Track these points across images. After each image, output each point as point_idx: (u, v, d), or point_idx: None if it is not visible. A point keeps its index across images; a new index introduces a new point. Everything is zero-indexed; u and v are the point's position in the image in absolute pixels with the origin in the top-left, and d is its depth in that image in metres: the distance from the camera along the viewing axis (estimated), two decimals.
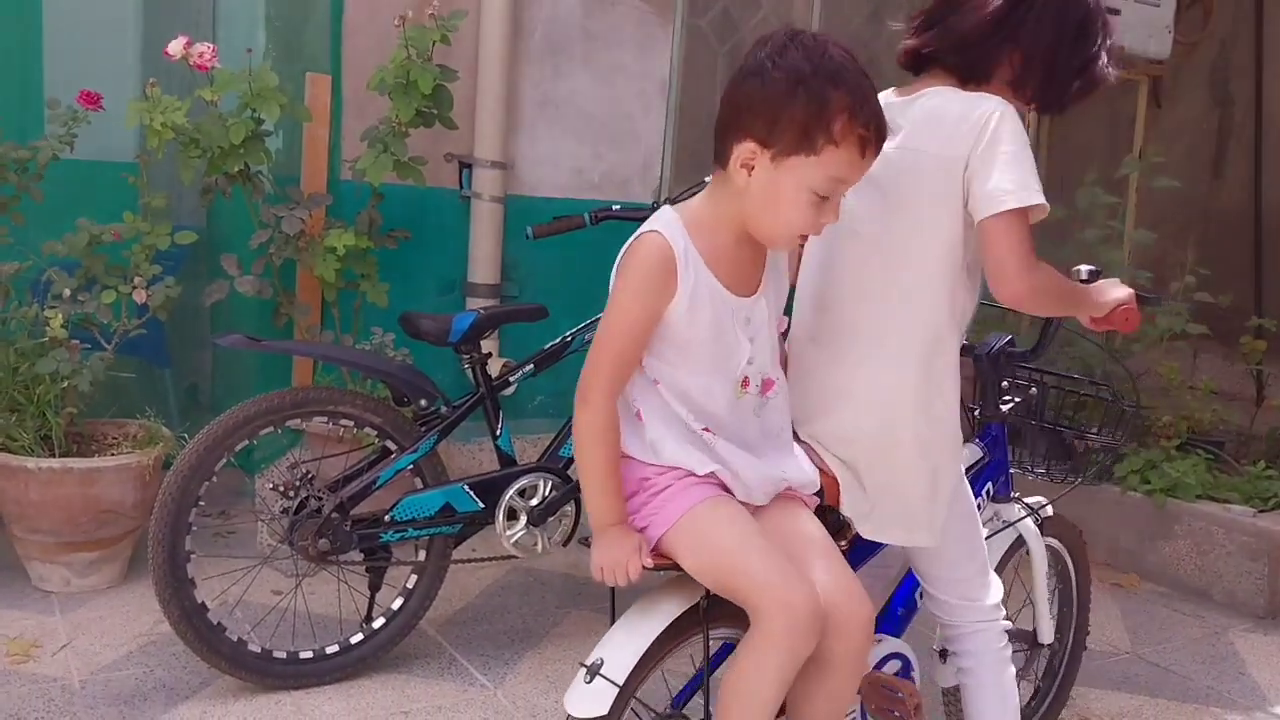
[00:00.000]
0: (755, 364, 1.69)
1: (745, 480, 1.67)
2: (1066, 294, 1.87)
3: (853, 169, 1.58)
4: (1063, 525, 2.45)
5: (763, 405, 1.72)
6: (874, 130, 1.57)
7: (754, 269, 1.69)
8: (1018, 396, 2.21)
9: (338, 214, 3.47)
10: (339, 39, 3.65)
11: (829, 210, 1.60)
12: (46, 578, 3.08)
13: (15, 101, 3.42)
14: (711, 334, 1.64)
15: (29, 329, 3.08)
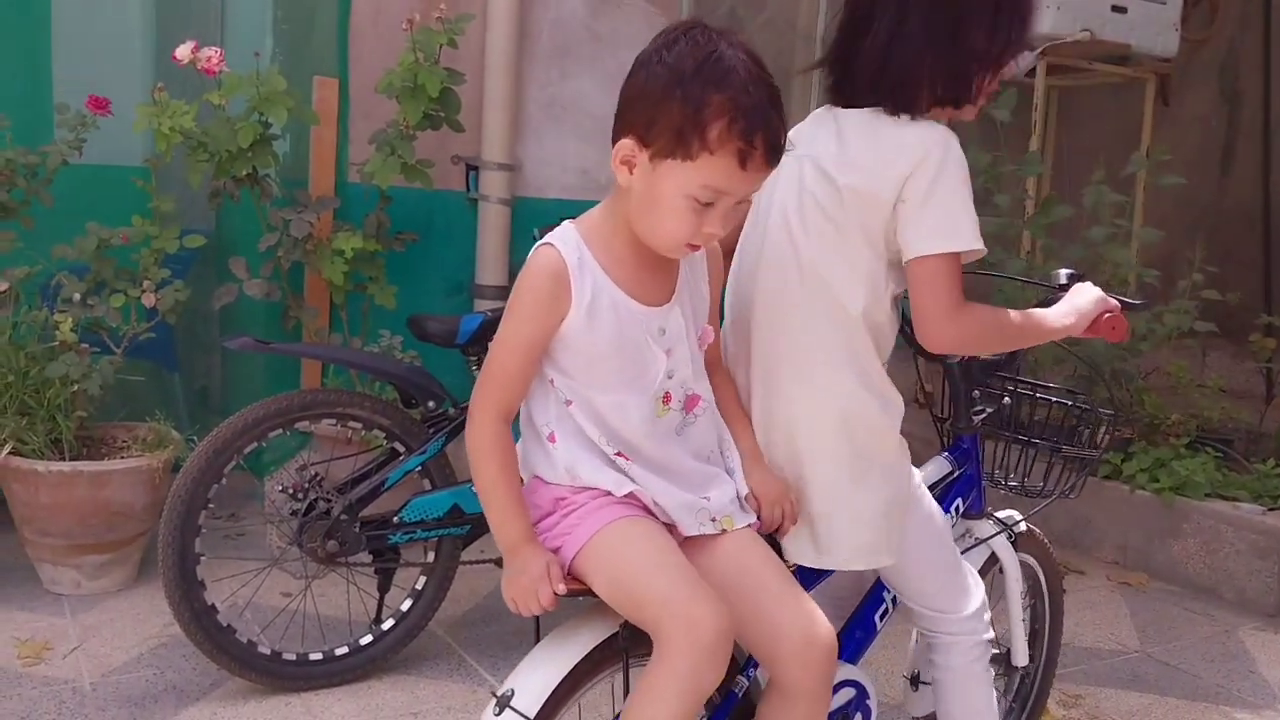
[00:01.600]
0: (676, 378, 1.57)
1: (664, 506, 1.56)
2: (1013, 330, 1.72)
3: (733, 180, 1.43)
4: (1036, 541, 2.35)
5: (687, 424, 1.60)
6: (759, 143, 1.42)
7: (663, 276, 1.57)
8: (989, 407, 2.11)
9: (345, 216, 3.48)
10: (346, 42, 3.66)
11: (714, 220, 1.46)
12: (57, 580, 3.10)
13: (25, 106, 3.44)
14: (617, 347, 1.53)
15: (39, 333, 3.10)
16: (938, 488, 2.03)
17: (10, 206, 3.15)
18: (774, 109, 1.45)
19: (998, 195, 4.26)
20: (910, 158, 1.59)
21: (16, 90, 3.61)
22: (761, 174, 1.46)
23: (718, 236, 1.50)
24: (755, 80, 1.43)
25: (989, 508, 2.16)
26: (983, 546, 2.13)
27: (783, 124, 1.46)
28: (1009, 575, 2.18)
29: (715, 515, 1.59)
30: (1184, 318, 3.99)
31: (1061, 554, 3.94)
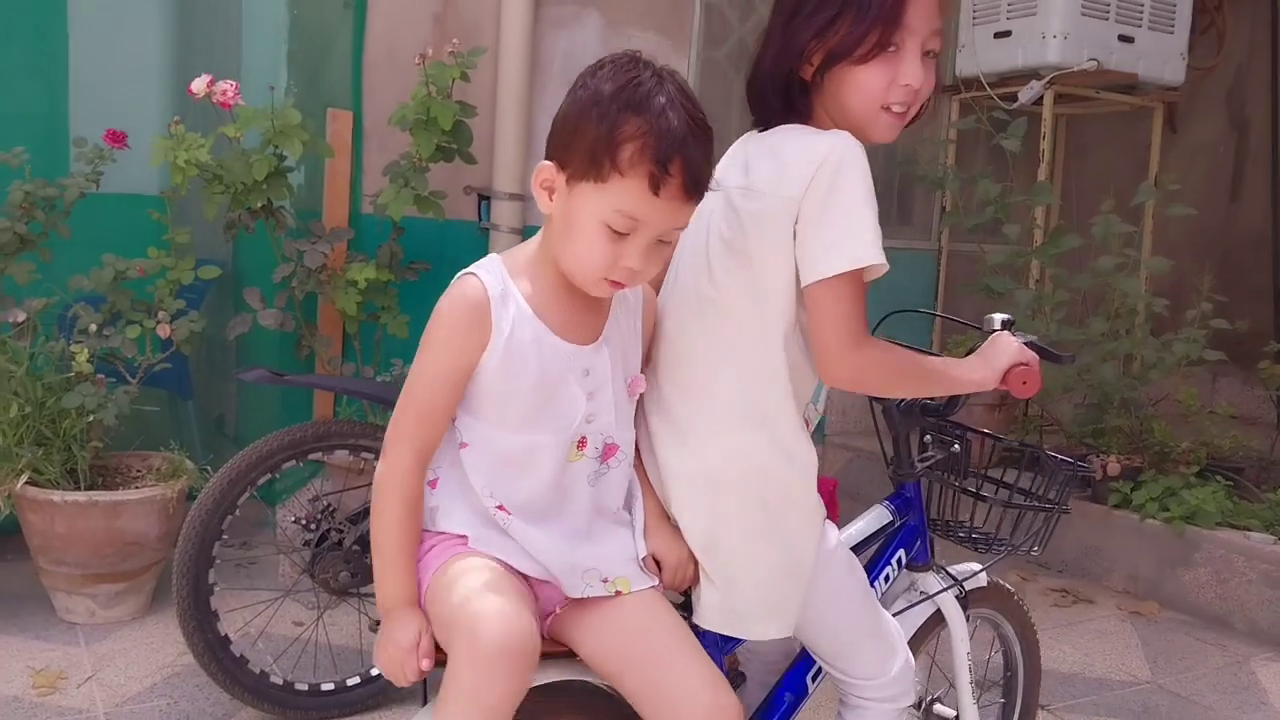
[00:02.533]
0: (596, 423, 1.49)
1: (545, 563, 1.48)
2: (915, 375, 1.61)
3: (644, 206, 1.37)
4: (1001, 595, 2.18)
5: (600, 474, 1.52)
6: (675, 171, 1.36)
7: (592, 314, 1.50)
8: (939, 453, 1.97)
9: (358, 247, 3.52)
10: (359, 75, 3.71)
11: (631, 252, 1.40)
12: (72, 609, 3.12)
13: (41, 138, 3.49)
14: (535, 384, 1.45)
15: (56, 364, 3.13)
16: (877, 538, 1.93)
17: (29, 239, 3.19)
18: (695, 139, 1.39)
19: (1007, 225, 4.29)
20: (802, 173, 1.47)
21: (33, 123, 3.67)
22: (678, 204, 1.39)
23: (638, 273, 1.42)
24: (677, 108, 1.38)
25: (939, 561, 2.02)
26: (928, 603, 1.98)
27: (705, 158, 1.41)
28: (954, 635, 2.04)
29: (607, 576, 1.50)
30: (1193, 346, 4.00)
31: (1071, 583, 3.96)
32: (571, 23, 4.06)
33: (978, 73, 4.82)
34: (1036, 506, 1.98)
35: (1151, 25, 4.74)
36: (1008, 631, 2.27)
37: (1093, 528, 4.05)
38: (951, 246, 5.16)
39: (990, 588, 2.14)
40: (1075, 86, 4.73)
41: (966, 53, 4.92)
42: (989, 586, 2.13)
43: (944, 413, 1.95)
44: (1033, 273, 4.51)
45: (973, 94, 4.85)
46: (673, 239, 1.46)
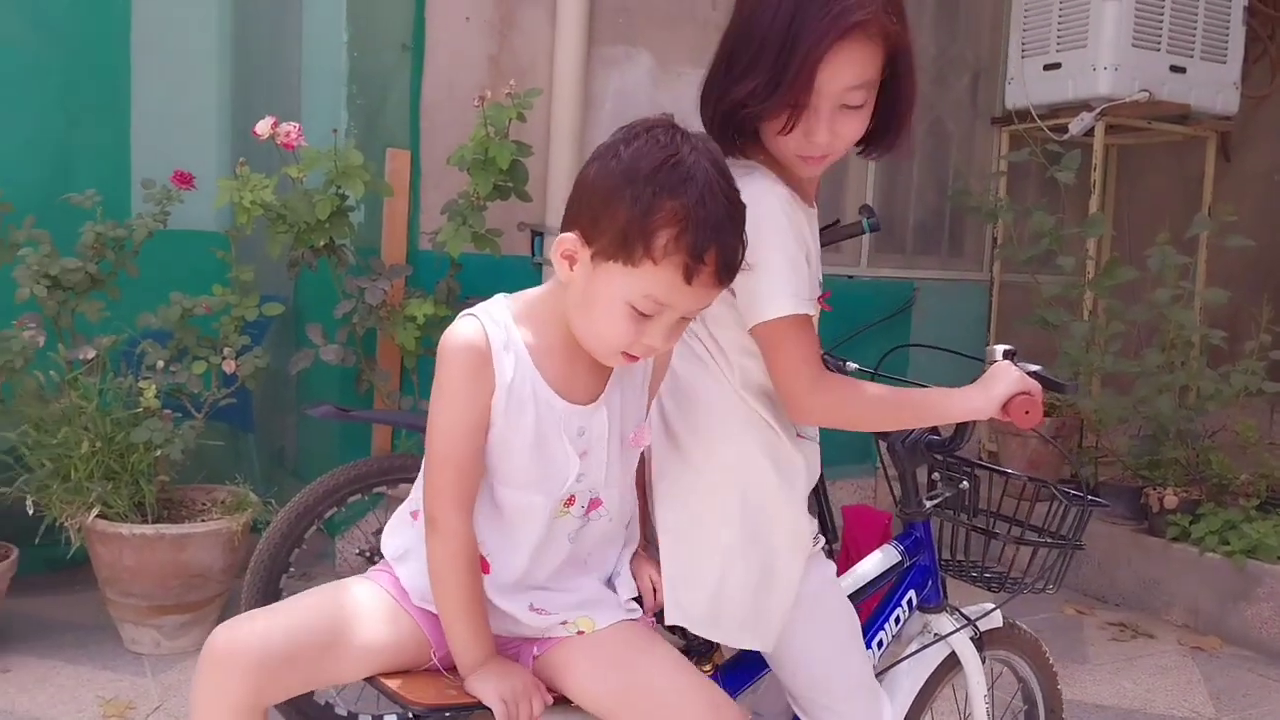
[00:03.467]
0: (585, 481, 1.46)
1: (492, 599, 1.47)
2: (890, 406, 1.59)
3: (676, 294, 1.33)
4: (1020, 637, 2.13)
5: (580, 528, 1.49)
6: (709, 260, 1.32)
7: (593, 374, 1.46)
8: (948, 491, 1.93)
9: (415, 283, 3.58)
10: (417, 116, 3.79)
11: (654, 332, 1.36)
12: (138, 640, 3.18)
13: (105, 178, 3.58)
14: (533, 441, 1.42)
15: (124, 399, 3.21)
16: (887, 578, 1.90)
17: (99, 278, 3.28)
18: (731, 224, 1.34)
19: (1062, 257, 4.28)
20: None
21: (97, 163, 3.78)
22: (710, 291, 1.36)
23: (657, 350, 1.40)
24: (714, 191, 1.32)
25: (950, 601, 1.98)
26: (941, 644, 1.93)
27: (740, 242, 1.36)
28: (970, 677, 1.98)
29: (566, 619, 1.48)
30: (1252, 378, 3.96)
31: (1129, 616, 3.92)
32: (623, 62, 4.13)
33: (1027, 105, 4.83)
34: (1047, 543, 1.93)
35: (1204, 55, 4.73)
36: (1026, 673, 2.21)
37: (1151, 561, 4.01)
38: (1004, 278, 5.15)
39: (1006, 628, 2.09)
40: (1127, 117, 4.72)
41: (1015, 85, 4.93)
42: (1005, 627, 2.08)
43: (949, 448, 1.90)
44: (1086, 304, 4.49)
45: (1023, 126, 4.85)
46: (695, 315, 1.42)
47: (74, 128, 3.77)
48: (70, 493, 3.06)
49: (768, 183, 1.51)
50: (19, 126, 3.63)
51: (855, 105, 1.49)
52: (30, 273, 3.17)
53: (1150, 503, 4.04)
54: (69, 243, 3.28)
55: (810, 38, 1.43)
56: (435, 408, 1.41)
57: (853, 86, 1.47)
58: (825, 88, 1.47)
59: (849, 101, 1.49)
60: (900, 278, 5.00)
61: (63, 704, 2.83)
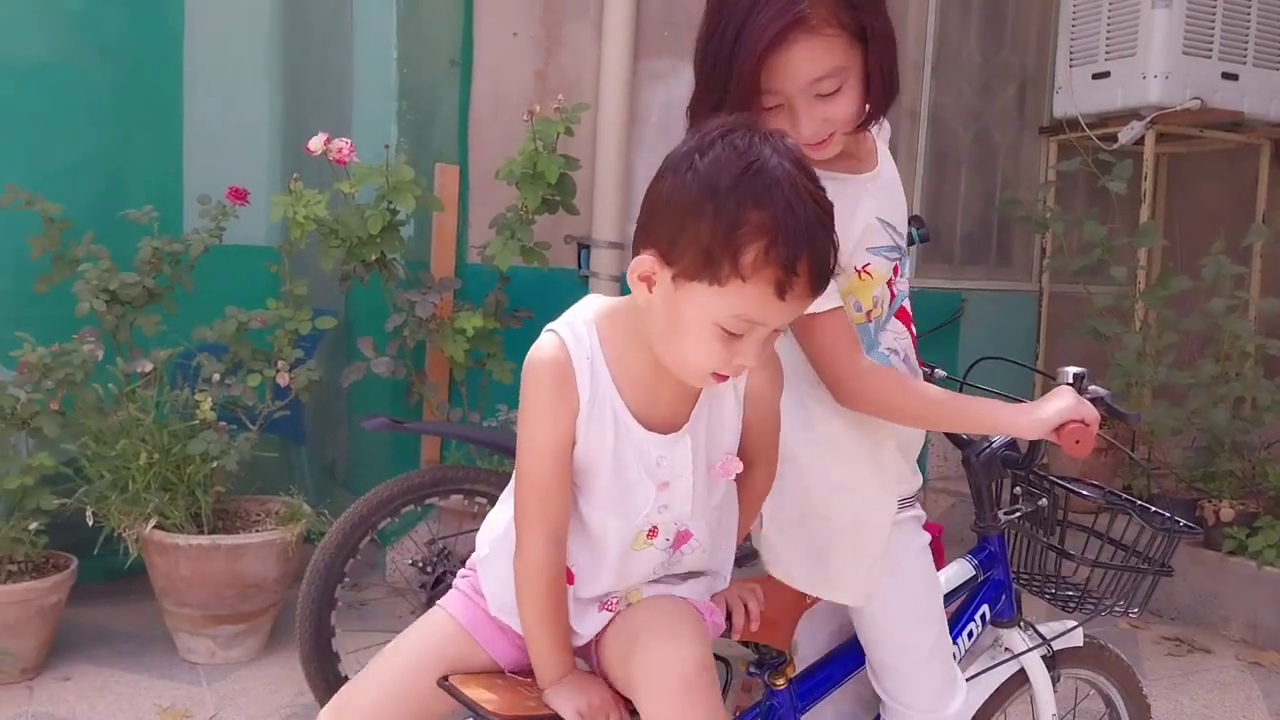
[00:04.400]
0: (669, 514, 1.40)
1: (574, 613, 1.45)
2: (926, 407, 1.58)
3: (768, 311, 1.25)
4: (1103, 656, 2.06)
5: (672, 562, 1.45)
6: (802, 270, 1.23)
7: (676, 401, 1.39)
8: (1027, 506, 1.90)
9: (464, 296, 3.61)
10: (466, 131, 3.84)
11: (746, 351, 1.28)
12: (193, 649, 3.22)
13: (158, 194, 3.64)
14: (611, 465, 1.37)
15: (180, 412, 3.26)
16: (961, 593, 1.89)
17: (156, 292, 3.34)
18: (822, 229, 1.25)
19: (1114, 267, 4.24)
20: None
21: (150, 179, 3.85)
22: (803, 303, 1.28)
23: (749, 368, 1.32)
24: (802, 196, 1.23)
25: (1024, 617, 1.94)
26: (1013, 661, 1.90)
27: (832, 245, 1.27)
28: (1038, 697, 1.93)
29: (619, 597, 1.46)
30: None
31: (1185, 631, 3.86)
32: (669, 75, 4.14)
33: (1076, 114, 4.79)
34: (1130, 568, 1.87)
35: (1257, 62, 4.67)
36: (1112, 694, 2.15)
37: (1207, 574, 3.95)
38: (1053, 288, 5.10)
39: (1093, 648, 2.03)
40: (1178, 126, 4.66)
41: (1064, 94, 4.89)
42: (1091, 647, 2.02)
43: (1025, 463, 1.87)
44: (1138, 315, 4.44)
45: (1071, 135, 4.81)
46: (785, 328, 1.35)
47: (128, 145, 3.84)
48: (128, 504, 3.11)
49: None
50: (76, 144, 3.70)
51: (829, 93, 1.48)
52: (90, 288, 3.23)
53: (1206, 515, 3.98)
54: (126, 258, 3.34)
55: (744, 50, 1.44)
56: (521, 427, 1.37)
57: (816, 79, 1.47)
58: (784, 87, 1.47)
59: (820, 91, 1.48)
60: (948, 289, 4.98)
61: (121, 712, 2.87)
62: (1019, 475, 1.92)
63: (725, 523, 1.50)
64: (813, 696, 1.74)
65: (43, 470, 3.06)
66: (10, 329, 3.19)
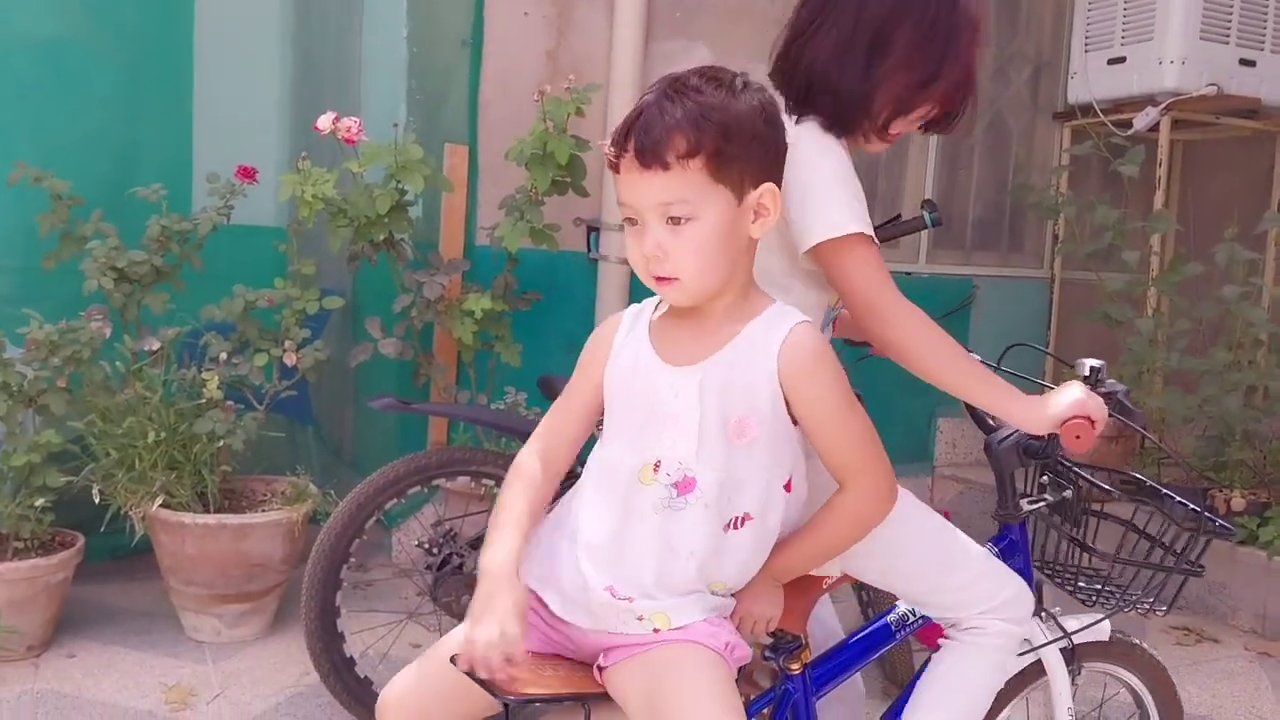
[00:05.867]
0: (675, 451, 1.43)
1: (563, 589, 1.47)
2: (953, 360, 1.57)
3: (621, 189, 1.42)
4: (1136, 653, 2.03)
5: (671, 505, 1.42)
6: (630, 146, 1.38)
7: (700, 341, 1.45)
8: (1051, 496, 1.88)
9: (473, 278, 3.59)
10: (475, 111, 3.81)
11: (647, 240, 1.40)
12: (199, 628, 3.22)
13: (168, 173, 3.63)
14: (627, 396, 1.48)
15: (187, 390, 3.26)
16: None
17: (164, 270, 3.33)
18: (659, 108, 1.37)
19: (1126, 252, 4.21)
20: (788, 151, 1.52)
21: (160, 158, 3.84)
22: (635, 177, 1.39)
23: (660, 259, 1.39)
24: (659, 88, 1.41)
25: (1049, 608, 1.91)
26: (1030, 654, 1.87)
27: (671, 124, 1.36)
28: (1055, 689, 1.92)
29: (643, 614, 1.43)
30: None
31: (1194, 620, 3.84)
32: (680, 56, 4.11)
33: (1090, 99, 4.75)
34: (1153, 565, 1.85)
35: (1275, 48, 4.62)
36: (1138, 688, 2.12)
37: (1216, 564, 3.92)
38: (1064, 275, 5.07)
39: (1121, 644, 2.01)
40: (1193, 112, 4.62)
41: (1079, 79, 4.85)
42: (1118, 642, 2.00)
43: (1045, 453, 1.84)
44: (1150, 301, 4.41)
45: (1086, 121, 4.77)
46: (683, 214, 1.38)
47: (137, 123, 3.83)
48: (135, 482, 3.11)
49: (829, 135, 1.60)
50: (85, 121, 3.69)
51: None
52: (97, 265, 3.23)
53: (1216, 505, 3.96)
54: (134, 236, 3.33)
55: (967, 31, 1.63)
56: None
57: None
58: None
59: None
60: (959, 274, 4.95)
61: (126, 690, 2.87)
62: (1045, 465, 1.89)
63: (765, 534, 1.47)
64: (828, 681, 1.72)
65: (49, 448, 3.06)
66: (18, 306, 3.18)
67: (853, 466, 1.47)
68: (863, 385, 2.89)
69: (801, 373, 1.42)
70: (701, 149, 1.36)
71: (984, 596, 1.71)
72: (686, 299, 1.43)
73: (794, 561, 1.52)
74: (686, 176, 1.37)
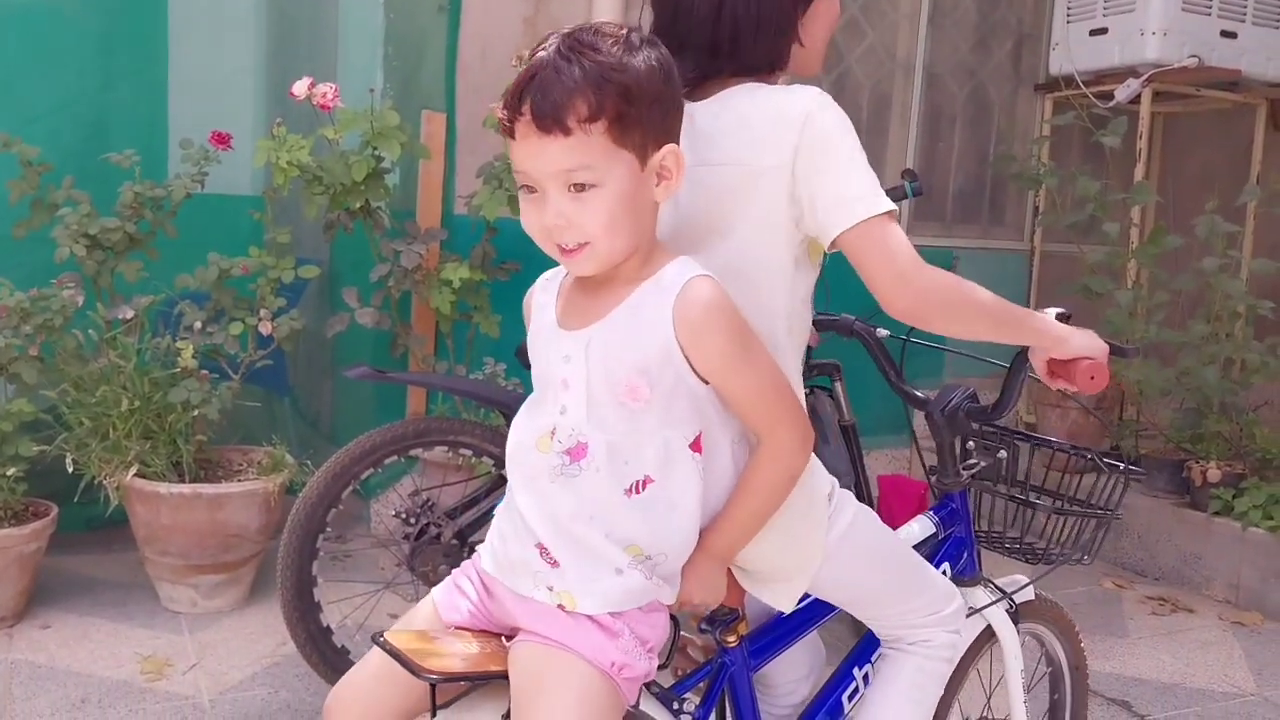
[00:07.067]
0: (568, 416, 1.37)
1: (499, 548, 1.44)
2: (982, 306, 1.50)
3: (517, 156, 1.33)
4: (1051, 610, 2.07)
5: (566, 473, 1.37)
6: (525, 109, 1.29)
7: (596, 302, 1.39)
8: (984, 460, 1.86)
9: (451, 247, 3.56)
10: (453, 77, 3.76)
11: (546, 209, 1.32)
12: (175, 598, 3.20)
13: (142, 140, 3.59)
14: (535, 364, 1.45)
15: (161, 359, 3.22)
16: (921, 550, 1.80)
17: (138, 238, 3.29)
18: (554, 70, 1.28)
19: (1106, 224, 4.21)
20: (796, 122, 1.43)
21: (134, 124, 3.79)
22: (533, 142, 1.29)
23: (564, 228, 1.32)
24: (550, 49, 1.30)
25: (985, 574, 1.92)
26: (976, 618, 1.88)
27: (558, 78, 1.28)
28: (1007, 651, 1.93)
29: (552, 585, 1.37)
30: None
31: (1169, 591, 3.87)
32: None
33: (1072, 70, 4.73)
34: (1085, 513, 1.90)
35: (1256, 20, 4.61)
36: (1055, 648, 2.15)
37: (1192, 535, 3.96)
38: (1045, 247, 5.07)
39: (1038, 601, 2.03)
40: (1174, 84, 4.61)
41: (1060, 50, 4.83)
42: (1037, 600, 2.02)
43: (990, 417, 1.82)
44: (1130, 273, 4.42)
45: (1067, 92, 4.76)
46: (587, 180, 1.30)
47: (111, 89, 3.78)
48: (109, 451, 3.08)
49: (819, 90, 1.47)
50: (57, 87, 3.64)
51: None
52: (69, 232, 3.18)
53: (1193, 476, 3.98)
54: (107, 204, 3.29)
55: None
56: None
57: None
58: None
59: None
60: (940, 246, 4.94)
61: (102, 660, 2.86)
62: (976, 429, 1.87)
63: (671, 493, 1.38)
64: (766, 654, 1.68)
65: (22, 416, 3.03)
66: None
67: (764, 418, 1.41)
68: (841, 357, 2.90)
69: (696, 327, 1.35)
70: (604, 113, 1.29)
71: (931, 609, 1.70)
72: (591, 268, 1.36)
73: (730, 534, 1.44)
74: (590, 142, 1.29)
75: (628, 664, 1.36)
